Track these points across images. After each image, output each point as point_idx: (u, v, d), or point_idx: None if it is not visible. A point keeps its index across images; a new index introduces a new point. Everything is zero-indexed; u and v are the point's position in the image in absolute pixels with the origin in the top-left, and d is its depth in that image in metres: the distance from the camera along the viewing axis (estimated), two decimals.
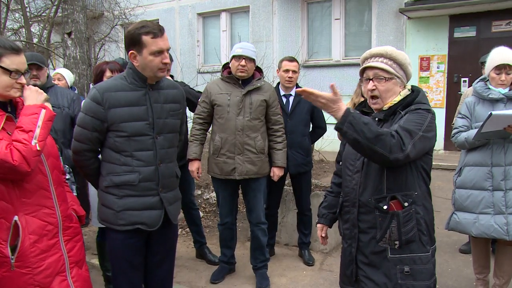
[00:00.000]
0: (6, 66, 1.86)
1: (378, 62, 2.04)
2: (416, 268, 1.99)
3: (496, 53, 3.05)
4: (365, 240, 2.08)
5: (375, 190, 2.01)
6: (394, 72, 2.03)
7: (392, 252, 2.00)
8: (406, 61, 2.06)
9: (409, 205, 1.98)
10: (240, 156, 3.45)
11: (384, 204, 1.98)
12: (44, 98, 1.99)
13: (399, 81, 2.05)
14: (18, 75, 1.91)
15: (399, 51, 2.07)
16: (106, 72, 3.23)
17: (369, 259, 2.07)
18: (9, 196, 1.87)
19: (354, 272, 2.15)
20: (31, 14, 10.98)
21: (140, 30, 2.24)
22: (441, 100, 8.64)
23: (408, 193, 1.99)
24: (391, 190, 1.99)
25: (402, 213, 1.97)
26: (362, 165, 2.06)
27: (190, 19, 11.79)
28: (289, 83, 3.98)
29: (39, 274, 1.93)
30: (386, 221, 1.99)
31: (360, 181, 2.06)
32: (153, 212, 2.41)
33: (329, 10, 9.88)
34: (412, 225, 1.99)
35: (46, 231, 1.97)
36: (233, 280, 3.81)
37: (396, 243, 1.99)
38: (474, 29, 8.28)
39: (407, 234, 1.98)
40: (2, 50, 1.85)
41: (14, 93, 1.92)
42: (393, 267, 2.01)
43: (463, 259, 4.13)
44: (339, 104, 1.85)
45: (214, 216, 5.35)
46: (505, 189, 2.95)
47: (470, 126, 3.11)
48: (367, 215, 2.05)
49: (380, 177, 2.00)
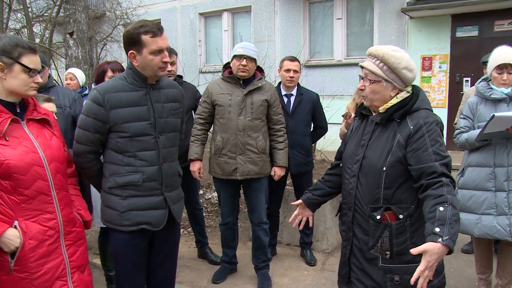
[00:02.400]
0: (27, 64, 1.91)
1: (369, 63, 2.01)
2: (407, 278, 1.91)
3: (498, 52, 3.04)
4: (358, 245, 2.07)
5: (371, 198, 1.99)
6: (382, 75, 1.96)
7: (383, 261, 1.99)
8: (399, 65, 1.95)
9: (404, 218, 1.94)
10: (241, 156, 3.45)
11: (378, 214, 1.96)
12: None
13: (389, 85, 1.98)
14: (35, 74, 1.95)
15: (396, 53, 1.96)
16: (107, 72, 3.23)
17: (361, 263, 2.06)
18: (9, 201, 1.87)
19: (347, 273, 2.15)
20: (33, 14, 10.97)
21: (139, 30, 2.24)
22: (443, 100, 8.62)
23: (404, 206, 1.95)
24: (388, 201, 1.96)
25: (395, 225, 1.94)
26: (358, 169, 2.03)
27: (192, 19, 11.79)
28: (290, 82, 3.97)
29: (37, 279, 1.93)
30: (379, 231, 1.97)
31: (356, 186, 2.04)
32: (158, 211, 2.41)
33: (331, 10, 9.87)
34: (405, 237, 1.95)
35: (47, 236, 1.96)
36: (235, 280, 3.81)
37: (387, 253, 1.97)
38: (477, 28, 8.25)
39: (399, 246, 1.95)
40: (22, 49, 1.90)
41: (30, 91, 1.96)
42: (383, 275, 1.99)
43: (466, 259, 4.12)
44: (436, 253, 1.67)
45: (216, 216, 5.35)
46: (508, 190, 2.94)
47: (472, 126, 3.10)
48: (361, 221, 2.04)
49: (378, 186, 1.96)
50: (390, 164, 1.93)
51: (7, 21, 9.81)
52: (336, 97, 9.07)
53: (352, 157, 2.08)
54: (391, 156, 1.93)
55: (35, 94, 2.03)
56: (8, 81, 1.89)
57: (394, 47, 2.02)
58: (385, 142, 1.97)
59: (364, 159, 2.02)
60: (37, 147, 1.95)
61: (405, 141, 1.91)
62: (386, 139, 1.98)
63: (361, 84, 2.04)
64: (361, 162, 2.02)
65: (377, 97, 2.01)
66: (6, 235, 1.86)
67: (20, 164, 1.86)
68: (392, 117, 1.97)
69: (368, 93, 2.01)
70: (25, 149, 1.90)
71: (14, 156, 1.85)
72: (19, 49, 1.89)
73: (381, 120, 2.00)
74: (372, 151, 2.00)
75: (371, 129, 2.06)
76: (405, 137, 1.92)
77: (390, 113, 1.97)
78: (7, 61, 1.88)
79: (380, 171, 1.95)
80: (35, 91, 1.99)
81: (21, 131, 1.94)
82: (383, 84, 1.98)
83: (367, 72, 2.01)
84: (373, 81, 1.98)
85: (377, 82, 1.98)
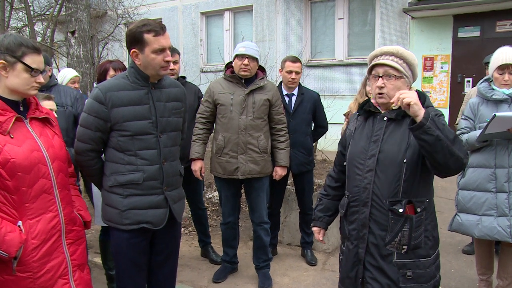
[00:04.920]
0: (29, 64, 1.91)
1: (389, 60, 2.05)
2: (418, 272, 2.02)
3: (499, 53, 3.03)
4: (375, 241, 2.07)
5: (391, 192, 2.01)
6: (403, 71, 2.04)
7: (398, 257, 2.02)
8: (415, 62, 2.08)
9: (421, 211, 2.01)
10: (243, 155, 3.45)
11: (400, 207, 1.99)
12: None
13: (407, 81, 2.07)
14: (37, 74, 1.95)
15: (408, 51, 2.09)
16: (109, 70, 3.22)
17: (377, 261, 2.07)
18: (12, 201, 1.87)
19: (360, 273, 2.14)
20: (35, 13, 10.99)
21: (141, 29, 2.24)
22: (444, 100, 8.62)
23: (421, 199, 2.02)
24: (407, 194, 2.00)
25: (415, 218, 1.99)
26: (375, 163, 2.05)
27: (194, 18, 11.79)
28: (292, 83, 3.97)
29: (40, 278, 1.93)
30: (399, 225, 1.99)
31: (374, 181, 2.05)
32: (158, 210, 2.41)
33: (332, 10, 9.86)
34: (421, 231, 2.01)
35: (49, 235, 1.97)
36: (235, 279, 3.81)
37: (404, 247, 2.00)
38: (478, 29, 8.24)
39: (416, 239, 2.00)
40: (26, 49, 1.90)
41: (31, 91, 1.96)
42: (397, 271, 2.02)
43: (466, 260, 4.12)
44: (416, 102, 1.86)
45: (217, 216, 5.35)
46: (509, 191, 2.94)
47: (473, 127, 3.10)
48: (379, 217, 2.05)
49: (398, 179, 2.00)
50: (410, 157, 1.98)
51: (9, 19, 9.82)
52: (338, 97, 9.06)
53: (364, 152, 2.10)
54: (410, 149, 1.98)
55: (37, 94, 2.03)
56: (10, 79, 1.90)
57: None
58: (401, 136, 2.02)
59: (380, 153, 2.05)
60: (40, 145, 1.95)
61: None
62: (402, 133, 2.03)
63: (381, 82, 2.05)
64: (377, 157, 2.04)
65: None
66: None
67: (25, 162, 1.86)
68: (407, 113, 1.99)
69: (389, 89, 2.04)
70: (30, 147, 1.90)
71: (19, 154, 1.85)
72: (23, 49, 1.89)
73: (397, 116, 2.05)
74: (389, 145, 2.04)
75: (383, 125, 2.09)
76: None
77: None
78: (10, 59, 1.88)
79: (401, 164, 1.99)
80: (36, 91, 1.99)
81: (25, 129, 1.94)
82: (404, 80, 2.06)
83: (388, 69, 2.04)
84: (396, 77, 2.04)
85: (399, 78, 2.04)
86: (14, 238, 1.83)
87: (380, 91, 2.06)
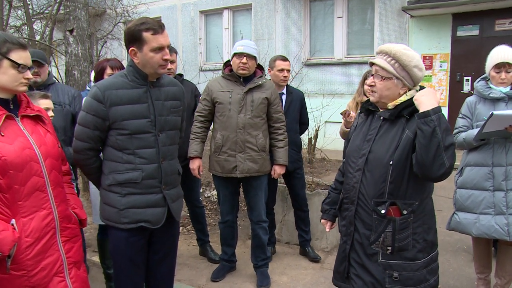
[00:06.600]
0: (16, 60, 1.90)
1: (380, 60, 2.04)
2: (405, 275, 1.99)
3: (495, 51, 3.04)
4: (359, 239, 2.08)
5: (376, 193, 2.01)
6: (393, 72, 2.00)
7: (383, 257, 2.01)
8: (410, 64, 2.00)
9: (407, 214, 1.98)
10: (241, 154, 3.44)
11: (383, 209, 1.98)
12: None
13: (399, 83, 2.02)
14: (25, 70, 1.94)
15: (408, 52, 2.02)
16: (107, 69, 3.22)
17: (361, 258, 2.07)
18: (5, 199, 1.87)
19: (346, 269, 2.17)
20: (33, 11, 10.96)
21: (140, 27, 2.24)
22: (443, 99, 8.62)
23: (409, 202, 1.99)
24: (393, 195, 1.98)
25: (399, 220, 1.97)
26: (364, 163, 2.05)
27: (193, 16, 11.78)
28: (284, 82, 4.00)
29: (34, 276, 1.92)
30: (382, 226, 1.99)
31: (361, 180, 2.06)
32: (157, 209, 2.41)
33: (331, 8, 9.86)
34: (407, 233, 1.98)
35: (43, 233, 1.96)
36: (234, 278, 3.81)
37: (388, 248, 1.99)
38: (477, 27, 8.24)
39: (401, 241, 1.98)
40: (10, 45, 1.90)
41: (20, 87, 1.95)
42: (382, 271, 2.01)
43: (465, 258, 4.12)
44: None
45: (215, 214, 5.35)
46: (506, 190, 2.94)
47: (471, 126, 3.10)
48: (364, 216, 2.05)
49: (384, 181, 1.99)
50: (397, 159, 1.96)
51: (8, 18, 9.80)
52: (336, 95, 9.06)
53: (357, 151, 2.10)
54: (398, 151, 1.97)
55: (26, 90, 2.01)
56: None
57: (405, 45, 2.07)
58: (392, 137, 2.01)
59: (370, 153, 2.05)
60: (32, 143, 1.94)
61: (413, 134, 1.94)
62: (394, 135, 2.01)
63: (371, 80, 2.06)
64: (367, 156, 2.04)
65: (386, 94, 2.04)
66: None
67: (16, 160, 1.85)
68: (401, 113, 2.01)
69: (378, 89, 2.04)
70: (21, 145, 1.89)
71: (11, 152, 1.84)
72: (8, 45, 1.89)
73: (390, 116, 2.03)
74: (378, 145, 2.03)
75: (378, 124, 2.08)
76: (413, 131, 1.95)
77: (400, 110, 2.01)
78: None
79: (387, 165, 1.97)
80: (25, 87, 1.98)
81: (16, 127, 1.93)
82: (394, 81, 2.02)
83: (378, 68, 2.04)
84: (384, 78, 2.02)
85: (387, 79, 2.02)
86: (7, 236, 1.83)
87: (372, 89, 2.08)
